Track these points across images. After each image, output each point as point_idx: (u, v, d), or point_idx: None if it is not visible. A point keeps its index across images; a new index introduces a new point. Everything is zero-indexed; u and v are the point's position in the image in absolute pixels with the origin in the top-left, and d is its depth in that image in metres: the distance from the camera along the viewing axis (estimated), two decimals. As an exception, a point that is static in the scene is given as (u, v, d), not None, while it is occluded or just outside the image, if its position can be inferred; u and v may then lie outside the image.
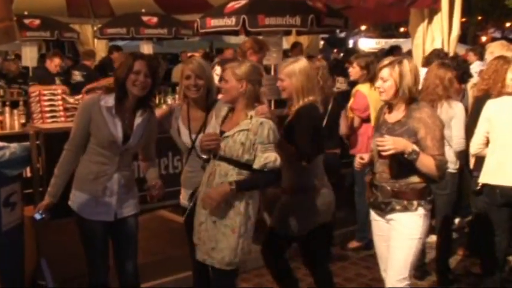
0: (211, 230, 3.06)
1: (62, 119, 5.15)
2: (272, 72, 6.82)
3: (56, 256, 4.04)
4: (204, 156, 3.17)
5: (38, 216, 3.12)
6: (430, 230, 4.72)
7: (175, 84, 8.76)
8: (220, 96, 3.39)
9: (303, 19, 6.55)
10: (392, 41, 20.31)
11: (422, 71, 4.51)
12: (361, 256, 5.04)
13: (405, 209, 3.06)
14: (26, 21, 10.08)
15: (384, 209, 3.14)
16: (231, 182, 2.97)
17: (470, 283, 4.56)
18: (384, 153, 2.93)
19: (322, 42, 15.24)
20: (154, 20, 10.42)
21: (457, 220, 5.66)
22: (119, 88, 3.10)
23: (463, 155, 4.38)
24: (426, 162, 2.93)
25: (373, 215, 3.30)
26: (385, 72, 3.07)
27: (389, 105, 3.17)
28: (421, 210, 3.07)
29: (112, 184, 3.17)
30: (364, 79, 5.05)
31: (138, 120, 3.17)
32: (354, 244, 5.20)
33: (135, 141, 3.18)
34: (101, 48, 11.87)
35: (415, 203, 3.05)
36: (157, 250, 4.67)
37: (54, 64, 8.10)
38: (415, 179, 3.04)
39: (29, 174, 4.18)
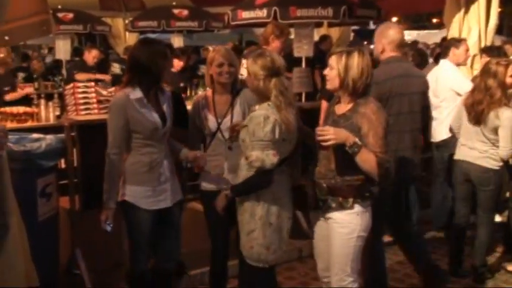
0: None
1: (96, 111, 5.21)
2: (303, 65, 6.77)
3: (89, 246, 4.10)
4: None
5: (108, 228, 3.14)
6: (471, 226, 4.64)
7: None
8: None
9: (335, 10, 6.46)
10: (424, 33, 19.95)
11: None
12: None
13: (340, 206, 2.93)
14: (60, 15, 10.23)
15: (321, 207, 3.00)
16: (228, 188, 3.06)
17: (506, 281, 4.45)
18: (324, 144, 2.78)
19: (352, 35, 15.06)
20: (185, 12, 10.49)
21: (496, 216, 5.53)
22: (154, 77, 3.13)
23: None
24: (367, 158, 2.77)
25: (312, 214, 3.18)
26: (332, 60, 2.94)
27: (338, 96, 3.04)
28: (357, 208, 2.93)
29: (164, 170, 3.23)
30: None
31: (162, 102, 3.24)
32: (386, 238, 5.08)
33: (170, 122, 3.25)
34: (132, 41, 11.93)
35: (350, 200, 2.91)
36: (185, 242, 4.66)
37: (92, 56, 8.23)
38: (354, 175, 2.90)
39: (63, 166, 4.25)
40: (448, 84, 5.05)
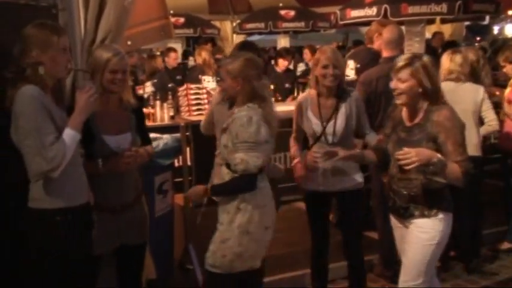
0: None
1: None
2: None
3: (202, 242, 4.21)
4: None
5: None
6: None
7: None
8: None
9: (449, 6, 6.18)
10: (546, 26, 18.49)
11: None
12: (512, 258, 4.68)
13: (423, 215, 2.83)
14: (172, 19, 10.64)
15: (403, 214, 2.91)
16: (208, 186, 2.93)
17: None
18: (407, 168, 2.61)
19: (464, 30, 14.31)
20: (292, 13, 10.57)
21: None
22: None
23: None
24: (453, 171, 2.66)
25: (393, 221, 3.04)
26: (403, 73, 2.75)
27: (408, 106, 2.85)
28: (440, 215, 2.83)
29: None
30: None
31: None
32: (505, 245, 4.82)
33: None
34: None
35: (434, 210, 2.81)
36: (293, 241, 4.66)
37: (172, 59, 8.42)
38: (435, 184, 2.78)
39: (177, 164, 4.41)
40: None
